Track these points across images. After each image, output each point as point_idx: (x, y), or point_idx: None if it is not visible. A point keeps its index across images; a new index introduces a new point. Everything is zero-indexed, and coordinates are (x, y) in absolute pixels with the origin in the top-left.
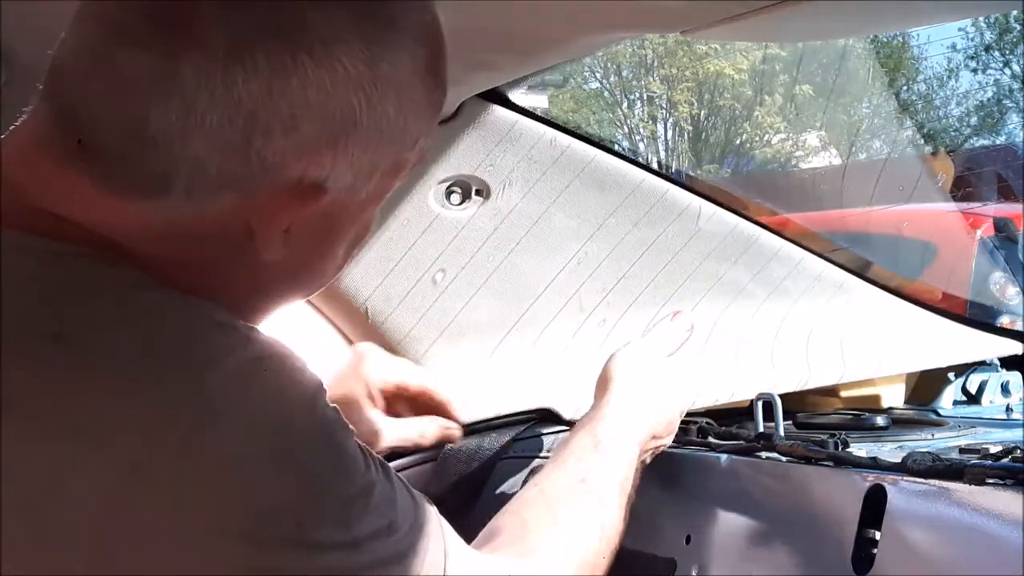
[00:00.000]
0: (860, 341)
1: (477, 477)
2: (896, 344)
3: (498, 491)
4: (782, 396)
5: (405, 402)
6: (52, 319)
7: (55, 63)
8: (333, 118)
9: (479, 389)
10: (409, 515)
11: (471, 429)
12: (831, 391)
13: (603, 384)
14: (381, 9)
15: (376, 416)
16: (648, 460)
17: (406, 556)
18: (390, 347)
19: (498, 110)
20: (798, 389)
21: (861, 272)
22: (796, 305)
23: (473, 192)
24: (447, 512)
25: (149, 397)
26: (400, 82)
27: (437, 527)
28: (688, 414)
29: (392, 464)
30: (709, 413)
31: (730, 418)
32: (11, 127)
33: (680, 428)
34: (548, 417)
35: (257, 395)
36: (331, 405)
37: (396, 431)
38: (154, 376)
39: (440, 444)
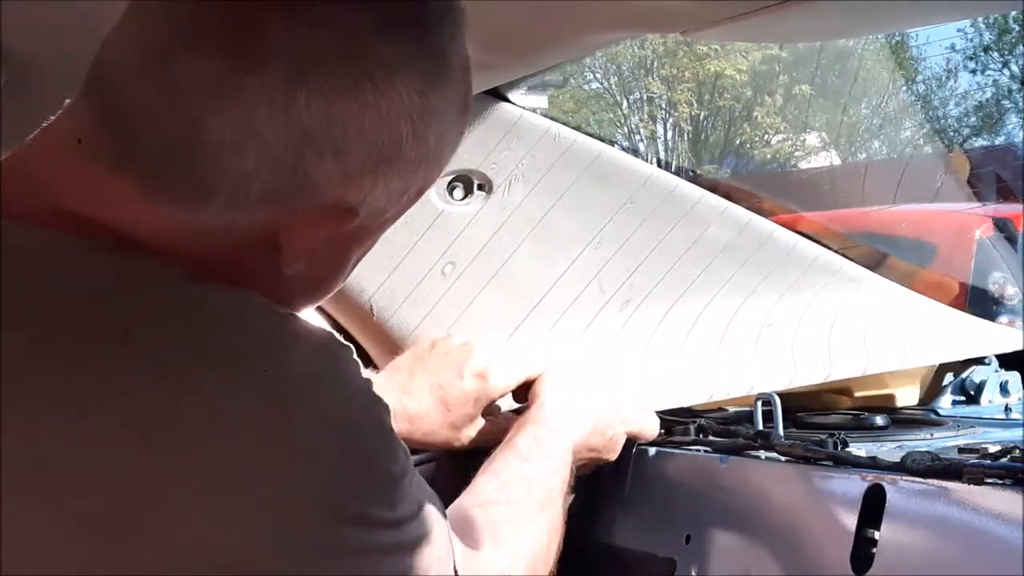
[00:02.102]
0: (883, 334)
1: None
2: (919, 336)
3: None
4: (797, 395)
5: None
6: (117, 317)
7: (103, 60)
8: (382, 145)
9: None
10: (428, 499)
11: None
12: (844, 391)
13: (539, 391)
14: (437, 42)
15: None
16: (588, 470)
17: (429, 537)
18: (395, 345)
19: (500, 105)
20: (822, 382)
21: (875, 268)
22: (815, 300)
23: (475, 187)
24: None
25: (224, 388)
26: (443, 114)
27: (443, 515)
28: (694, 412)
29: None
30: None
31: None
32: (43, 124)
33: (680, 428)
34: None
35: (326, 380)
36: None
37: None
38: (228, 366)
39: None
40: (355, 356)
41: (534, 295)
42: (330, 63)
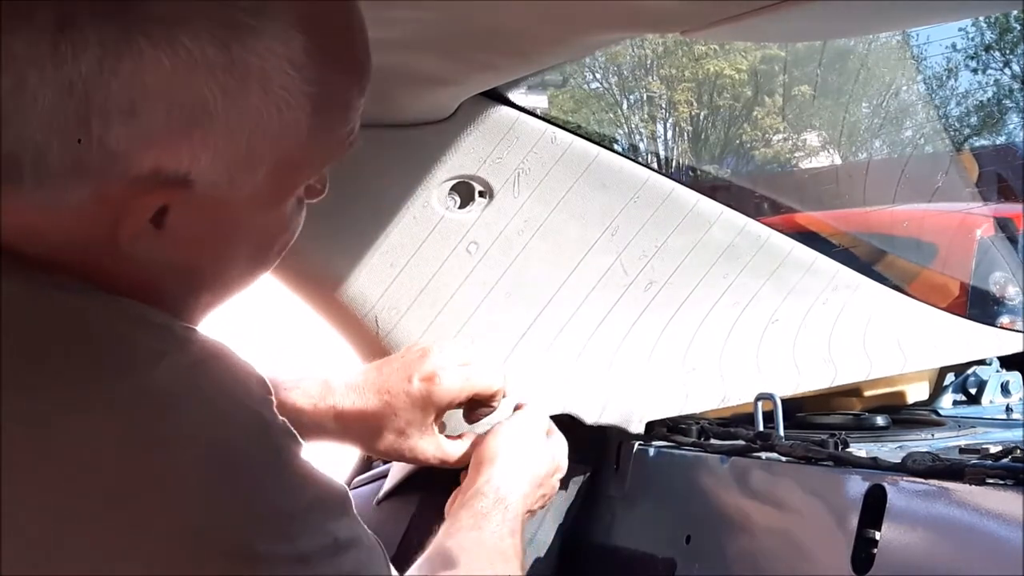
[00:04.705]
0: (883, 339)
1: None
2: (918, 341)
3: None
4: (806, 399)
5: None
6: None
7: None
8: (181, 105)
9: None
10: (355, 542)
11: None
12: (854, 392)
13: (482, 460)
14: None
15: (439, 441)
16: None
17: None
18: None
19: (498, 108)
20: (825, 388)
21: (872, 274)
22: (814, 306)
23: (476, 194)
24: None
25: (72, 415)
26: (266, 71)
27: (380, 554)
28: (697, 417)
29: (398, 466)
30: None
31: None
32: None
33: (680, 428)
34: (566, 425)
35: (197, 399)
36: (277, 416)
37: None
38: (82, 387)
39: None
40: (253, 373)
41: (539, 301)
42: (96, 16)
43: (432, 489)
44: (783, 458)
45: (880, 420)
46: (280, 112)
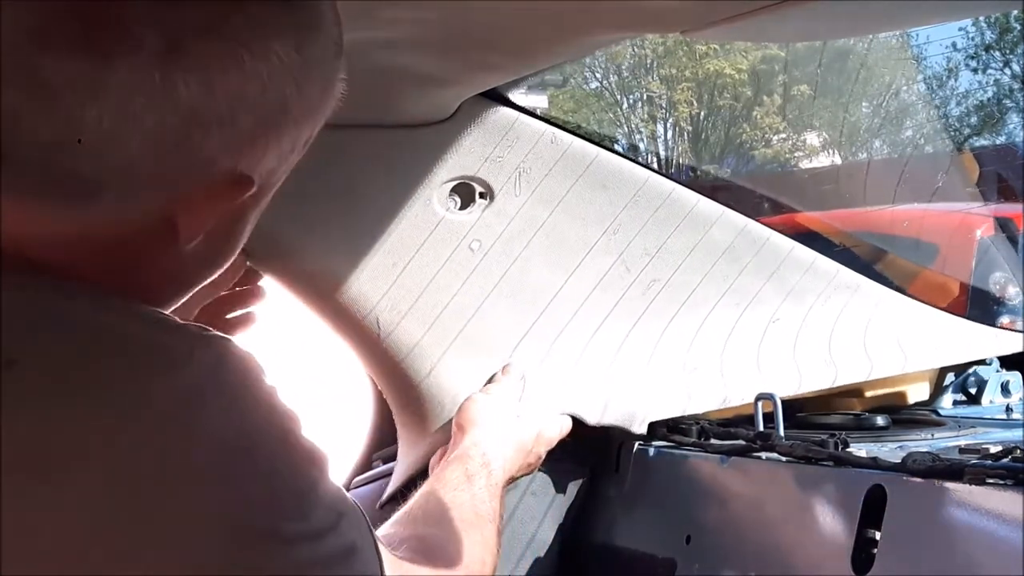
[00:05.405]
0: (884, 339)
1: None
2: (918, 341)
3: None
4: (806, 399)
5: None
6: (3, 346)
7: None
8: (268, 108)
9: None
10: (349, 510)
11: None
12: (855, 392)
13: (465, 424)
14: None
15: None
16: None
17: (353, 551)
18: (399, 358)
19: (498, 108)
20: (826, 388)
21: (872, 274)
22: (814, 307)
23: (477, 195)
24: None
25: (105, 418)
26: (322, 61)
27: (367, 526)
28: (697, 417)
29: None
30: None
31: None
32: None
33: (680, 428)
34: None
35: (219, 399)
36: (282, 400)
37: None
38: (111, 391)
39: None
40: (260, 364)
41: (540, 301)
42: (201, 38)
43: None
44: (783, 458)
45: (880, 420)
46: (326, 97)
